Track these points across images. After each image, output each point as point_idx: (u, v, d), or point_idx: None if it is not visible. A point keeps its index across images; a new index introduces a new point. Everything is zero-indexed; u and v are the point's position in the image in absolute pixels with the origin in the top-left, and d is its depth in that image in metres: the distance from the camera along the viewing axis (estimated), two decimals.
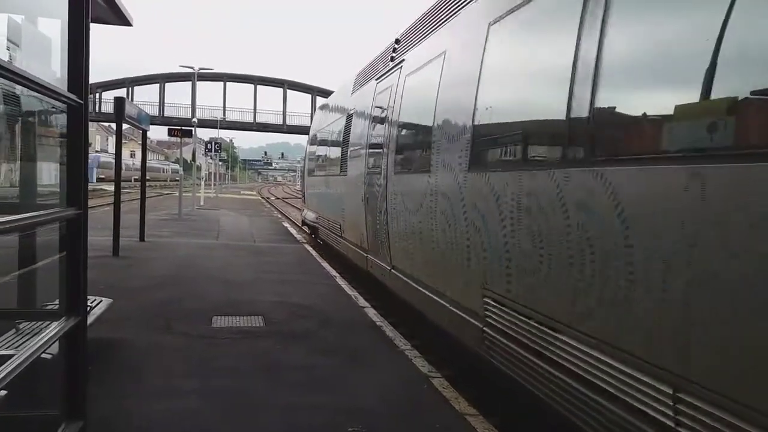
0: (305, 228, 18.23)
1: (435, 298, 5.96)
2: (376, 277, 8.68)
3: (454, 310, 5.42)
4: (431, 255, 6.12)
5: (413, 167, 6.99)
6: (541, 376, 3.89)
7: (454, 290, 5.51)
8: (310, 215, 15.94)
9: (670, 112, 2.97)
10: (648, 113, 3.23)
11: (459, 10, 6.15)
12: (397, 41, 8.97)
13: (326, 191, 13.13)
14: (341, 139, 11.49)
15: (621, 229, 3.11)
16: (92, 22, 2.56)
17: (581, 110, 3.52)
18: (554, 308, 3.77)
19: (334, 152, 12.30)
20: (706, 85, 2.68)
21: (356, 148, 10.03)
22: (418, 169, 6.62)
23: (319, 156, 15.00)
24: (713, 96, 2.67)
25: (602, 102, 3.41)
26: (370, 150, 9.01)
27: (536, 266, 3.95)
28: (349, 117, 11.02)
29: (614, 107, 3.48)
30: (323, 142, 14.35)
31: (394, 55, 8.86)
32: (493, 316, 4.60)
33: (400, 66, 8.10)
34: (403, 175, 7.27)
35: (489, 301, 4.69)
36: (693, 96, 2.82)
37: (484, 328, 4.76)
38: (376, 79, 9.47)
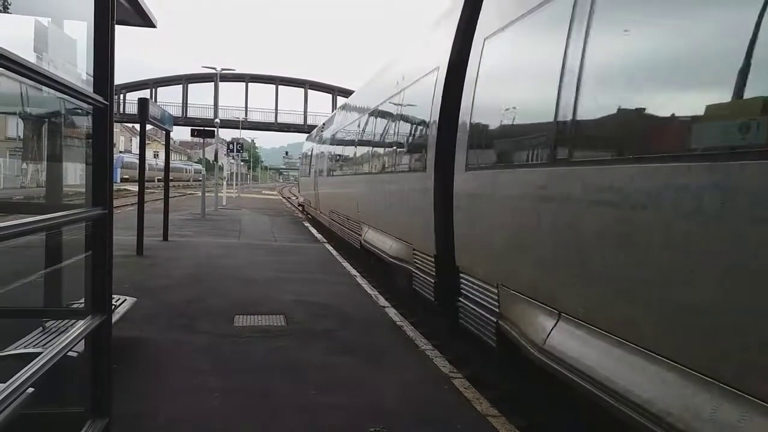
0: (300, 207, 32.52)
1: (324, 215, 18.94)
2: (318, 220, 21.03)
3: (323, 215, 19.23)
4: (325, 203, 18.74)
5: (320, 173, 20.36)
6: (346, 233, 13.68)
7: (323, 210, 19.15)
8: (300, 199, 31.92)
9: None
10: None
11: (321, 132, 22.41)
12: (323, 124, 23.00)
13: (306, 184, 27.13)
14: (310, 156, 25.08)
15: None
16: (117, 23, 2.58)
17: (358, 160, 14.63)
18: (334, 209, 16.33)
19: (307, 165, 26.42)
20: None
21: (314, 163, 22.46)
22: (321, 174, 19.91)
23: (303, 167, 30.49)
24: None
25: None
26: (314, 165, 22.28)
27: (333, 199, 16.98)
28: (312, 147, 24.66)
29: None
30: (306, 158, 28.47)
31: (322, 130, 22.26)
32: (332, 215, 16.58)
33: (320, 136, 21.83)
34: (319, 176, 20.51)
35: (330, 212, 17.17)
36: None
37: (331, 219, 16.96)
38: (313, 139, 25.08)
